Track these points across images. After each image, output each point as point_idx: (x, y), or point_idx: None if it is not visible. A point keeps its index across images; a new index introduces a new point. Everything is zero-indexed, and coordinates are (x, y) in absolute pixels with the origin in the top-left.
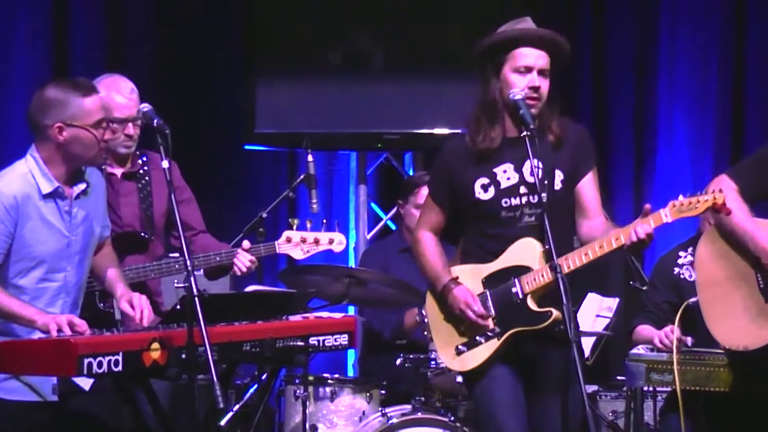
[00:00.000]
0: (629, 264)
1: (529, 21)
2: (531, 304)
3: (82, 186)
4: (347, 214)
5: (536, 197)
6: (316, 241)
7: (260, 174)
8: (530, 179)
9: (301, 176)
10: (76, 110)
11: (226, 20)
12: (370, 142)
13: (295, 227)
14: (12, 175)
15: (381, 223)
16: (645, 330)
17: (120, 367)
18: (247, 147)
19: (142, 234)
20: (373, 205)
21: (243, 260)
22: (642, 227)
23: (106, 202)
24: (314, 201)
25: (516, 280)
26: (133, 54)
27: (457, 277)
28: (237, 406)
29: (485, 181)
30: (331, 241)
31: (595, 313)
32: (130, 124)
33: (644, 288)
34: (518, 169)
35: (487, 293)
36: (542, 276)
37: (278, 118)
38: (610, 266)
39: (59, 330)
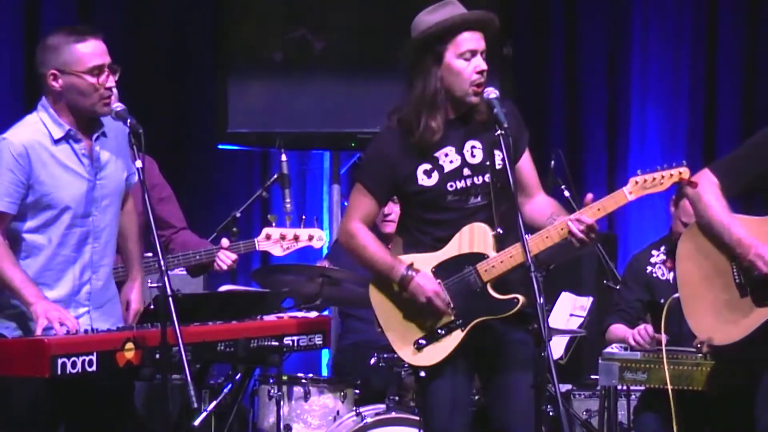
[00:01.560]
0: (602, 263)
1: (456, 3)
2: (492, 291)
3: (98, 132)
4: (321, 213)
5: (480, 178)
6: (296, 238)
7: (233, 173)
8: (472, 160)
9: (275, 176)
10: (68, 56)
11: (198, 19)
12: (344, 142)
13: (274, 224)
14: (21, 125)
15: None
16: (618, 329)
17: (94, 368)
18: (220, 146)
19: None
20: (346, 204)
21: (225, 259)
22: (581, 217)
23: (130, 149)
24: (288, 201)
25: (472, 268)
26: None
27: (412, 263)
28: (211, 406)
29: (428, 167)
30: (311, 237)
31: (569, 312)
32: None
33: (617, 287)
34: (459, 152)
35: (441, 283)
36: (501, 262)
37: (251, 118)
38: (583, 265)
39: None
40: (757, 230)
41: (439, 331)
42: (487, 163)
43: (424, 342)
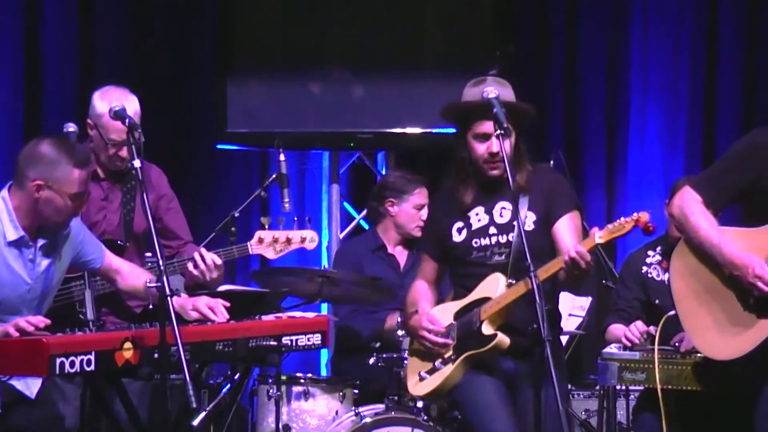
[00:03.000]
0: (601, 263)
1: (489, 81)
2: (485, 328)
3: (45, 241)
4: (320, 213)
5: (504, 237)
6: (288, 240)
7: (232, 173)
8: (500, 220)
9: (273, 175)
10: (62, 175)
11: (198, 19)
12: (343, 142)
13: (267, 227)
14: None
15: (354, 223)
16: (617, 329)
17: (92, 367)
18: (219, 146)
19: (118, 241)
20: (345, 204)
21: (205, 257)
22: (575, 245)
23: (83, 240)
24: (286, 200)
25: (477, 310)
26: (104, 52)
27: (416, 310)
28: (210, 406)
29: (460, 224)
30: (303, 239)
31: (568, 312)
32: (125, 147)
33: (616, 287)
34: (488, 212)
35: (454, 324)
36: (497, 302)
37: (250, 118)
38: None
39: (22, 331)
40: (747, 243)
41: (437, 364)
42: (514, 224)
43: (426, 375)
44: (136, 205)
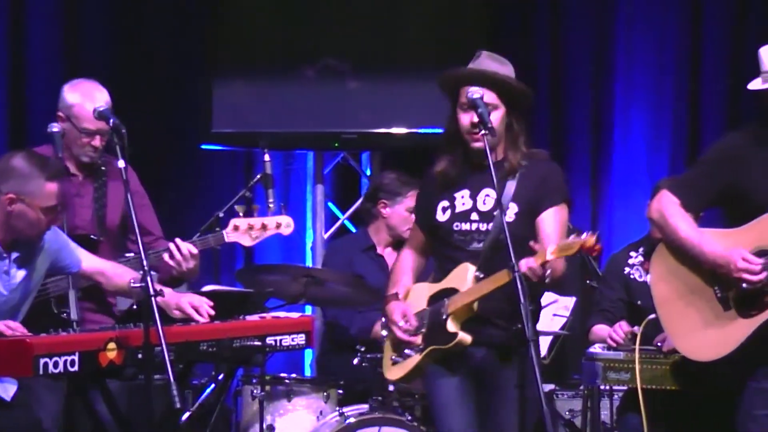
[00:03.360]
0: (585, 263)
1: (483, 56)
2: (449, 324)
3: (20, 252)
4: (304, 213)
5: (485, 225)
6: (264, 226)
7: (217, 174)
8: (482, 207)
9: (258, 176)
10: (34, 189)
11: (183, 19)
12: (328, 142)
13: (242, 214)
14: None
15: (338, 223)
16: (600, 330)
17: (76, 367)
18: (203, 146)
19: (92, 236)
20: (330, 204)
21: (180, 247)
22: (527, 261)
23: (60, 247)
24: (271, 201)
25: (445, 300)
26: (89, 51)
27: (396, 293)
28: (194, 407)
29: (446, 203)
30: (278, 225)
31: (552, 312)
32: (98, 137)
33: (599, 287)
34: (473, 197)
35: (427, 311)
36: (461, 297)
37: (235, 118)
38: (566, 265)
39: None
40: (727, 243)
41: (407, 351)
42: (495, 213)
43: (397, 359)
44: (108, 201)
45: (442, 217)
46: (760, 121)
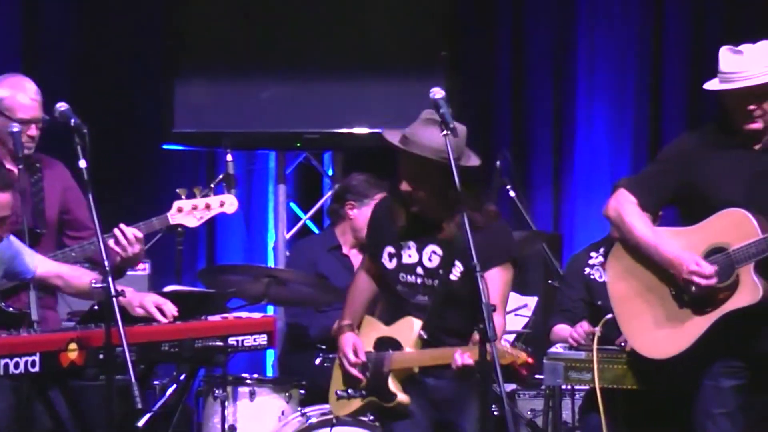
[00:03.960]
0: (547, 263)
1: (423, 119)
2: (390, 381)
3: None
4: (266, 213)
5: (431, 281)
6: (207, 206)
7: (179, 174)
8: (428, 264)
9: (220, 176)
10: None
11: (145, 18)
12: (290, 142)
13: (184, 196)
14: None
15: (300, 223)
16: (561, 330)
17: (37, 368)
18: (165, 146)
19: (36, 229)
20: (292, 204)
21: (125, 232)
22: (463, 355)
23: (14, 254)
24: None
25: (389, 354)
26: (50, 51)
27: (351, 324)
28: (155, 407)
29: (392, 251)
30: (222, 204)
31: (514, 311)
32: (33, 126)
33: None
34: (419, 251)
35: (372, 354)
36: (406, 360)
37: (197, 118)
38: (528, 265)
39: None
40: (682, 241)
41: (350, 391)
42: (440, 271)
43: (342, 394)
44: (45, 196)
45: (389, 264)
46: (717, 121)
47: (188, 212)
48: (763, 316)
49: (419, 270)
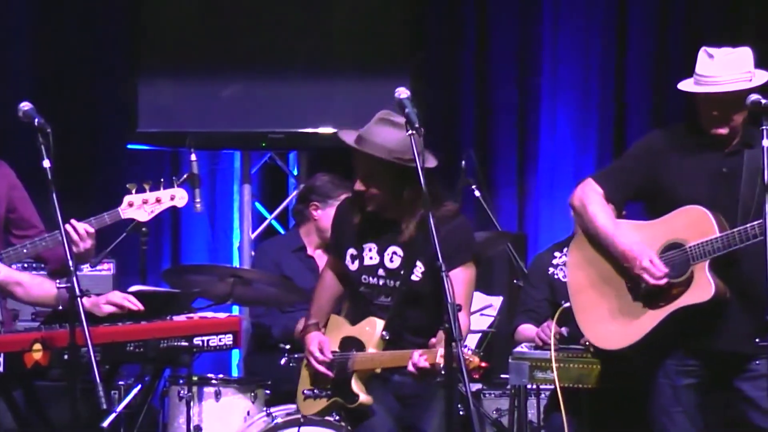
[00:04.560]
0: (512, 262)
1: (377, 120)
2: (353, 381)
3: None
4: (231, 213)
5: (392, 282)
6: (158, 200)
7: (143, 173)
8: (389, 264)
9: (185, 176)
10: None
11: (109, 17)
12: (255, 142)
13: (134, 191)
14: None
15: (265, 223)
16: (526, 330)
17: (1, 369)
18: (129, 146)
19: None
20: (257, 204)
21: (76, 228)
22: (420, 357)
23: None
24: (198, 201)
25: (353, 354)
26: (13, 51)
27: (317, 323)
28: (120, 407)
29: (354, 252)
30: (172, 197)
31: (479, 311)
32: None
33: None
34: (380, 253)
35: (337, 354)
36: (368, 360)
37: (161, 117)
38: (493, 265)
39: None
40: (642, 235)
41: (316, 391)
42: (401, 272)
43: (309, 393)
44: None
45: (351, 266)
46: (689, 121)
47: (139, 206)
48: (717, 314)
49: (380, 272)
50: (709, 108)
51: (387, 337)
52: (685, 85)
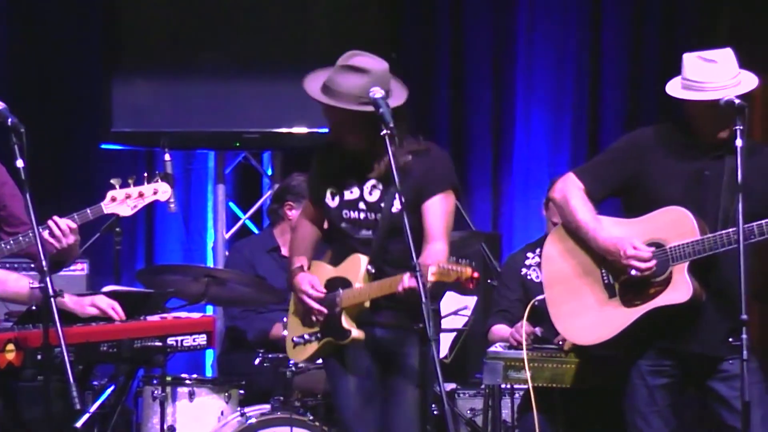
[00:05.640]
0: (486, 262)
1: (341, 66)
2: (343, 319)
3: None
4: (205, 213)
5: (373, 215)
6: (141, 195)
7: (117, 173)
8: (369, 198)
9: (159, 175)
10: None
11: (83, 16)
12: (229, 142)
13: (117, 186)
14: None
15: (240, 223)
16: (500, 330)
17: None
18: (103, 146)
19: None
20: (231, 204)
21: (59, 224)
22: (410, 280)
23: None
24: (172, 201)
25: (340, 292)
26: None
27: (302, 266)
28: (94, 407)
29: (334, 190)
30: (155, 192)
31: (453, 311)
32: None
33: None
34: (360, 187)
35: (325, 294)
36: (356, 295)
37: (135, 117)
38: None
39: None
40: (624, 232)
41: (307, 336)
42: (381, 204)
43: (299, 340)
44: None
45: (331, 202)
46: (678, 122)
47: (122, 201)
48: (692, 317)
49: (361, 205)
50: (713, 114)
51: (372, 271)
52: (675, 90)
